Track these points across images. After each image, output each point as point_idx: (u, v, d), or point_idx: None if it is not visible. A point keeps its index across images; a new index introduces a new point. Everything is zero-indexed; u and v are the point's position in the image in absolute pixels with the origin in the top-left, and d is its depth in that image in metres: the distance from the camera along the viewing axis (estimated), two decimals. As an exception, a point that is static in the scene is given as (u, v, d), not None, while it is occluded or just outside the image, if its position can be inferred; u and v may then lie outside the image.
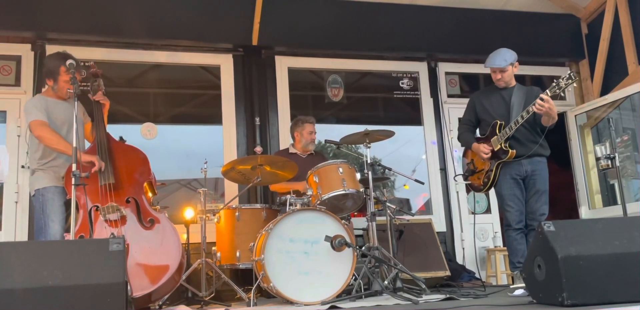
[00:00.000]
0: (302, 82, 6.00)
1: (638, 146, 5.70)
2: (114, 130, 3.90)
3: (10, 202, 4.87)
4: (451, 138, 5.95)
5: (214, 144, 5.54)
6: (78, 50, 4.13)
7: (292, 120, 5.22)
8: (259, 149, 4.51)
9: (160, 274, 3.37)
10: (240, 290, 3.94)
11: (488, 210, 6.03)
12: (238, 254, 4.10)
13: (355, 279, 3.62)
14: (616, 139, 4.91)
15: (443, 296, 3.50)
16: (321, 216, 3.66)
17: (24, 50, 5.16)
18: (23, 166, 4.87)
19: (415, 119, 6.17)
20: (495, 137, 3.95)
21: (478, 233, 5.86)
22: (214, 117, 5.61)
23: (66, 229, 3.51)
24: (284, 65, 5.80)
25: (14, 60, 5.16)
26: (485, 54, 4.08)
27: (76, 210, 3.27)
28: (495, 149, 3.95)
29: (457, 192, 5.95)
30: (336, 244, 3.46)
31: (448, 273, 5.02)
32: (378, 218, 4.13)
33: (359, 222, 4.99)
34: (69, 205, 3.36)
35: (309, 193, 3.93)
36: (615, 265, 2.58)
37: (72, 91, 3.29)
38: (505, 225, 3.98)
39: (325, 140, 4.73)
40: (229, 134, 5.52)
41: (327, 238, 3.47)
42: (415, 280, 3.96)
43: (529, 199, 3.92)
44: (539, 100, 3.67)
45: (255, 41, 5.56)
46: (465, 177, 4.27)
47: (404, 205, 6.13)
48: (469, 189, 4.97)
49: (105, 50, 5.32)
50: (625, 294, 2.53)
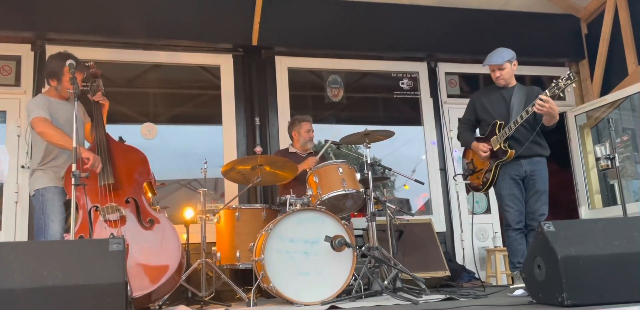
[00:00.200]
0: (302, 82, 6.00)
1: (638, 146, 5.69)
2: (113, 130, 3.89)
3: (10, 202, 4.87)
4: (451, 138, 5.96)
5: (214, 144, 5.54)
6: (78, 50, 4.12)
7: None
8: (258, 149, 4.51)
9: (160, 274, 3.36)
10: (240, 291, 3.94)
11: (488, 211, 6.03)
12: (238, 254, 4.10)
13: (355, 279, 3.62)
14: (616, 139, 4.90)
15: (443, 296, 3.50)
16: (321, 216, 3.66)
17: (23, 50, 5.16)
18: (23, 166, 4.87)
19: (415, 119, 6.17)
20: (495, 137, 3.95)
21: (478, 233, 5.87)
22: (213, 117, 5.61)
23: (66, 229, 3.51)
24: (283, 65, 5.80)
25: (14, 60, 5.16)
26: (485, 54, 4.08)
27: (76, 210, 3.26)
28: (495, 149, 3.94)
29: (457, 192, 5.96)
30: (336, 244, 3.46)
31: (448, 273, 5.02)
32: (378, 218, 4.13)
33: (359, 222, 4.99)
34: (68, 205, 3.36)
35: (309, 193, 3.94)
36: (615, 266, 2.58)
37: (72, 91, 3.29)
38: (504, 225, 3.98)
39: (326, 140, 4.71)
40: (228, 134, 5.52)
41: (327, 238, 3.47)
42: (415, 281, 3.96)
43: (528, 199, 3.92)
44: (538, 101, 3.66)
45: (255, 41, 5.56)
46: (464, 177, 4.27)
47: (404, 205, 6.13)
48: (468, 189, 4.96)
49: (105, 51, 5.32)
50: (625, 294, 2.54)
